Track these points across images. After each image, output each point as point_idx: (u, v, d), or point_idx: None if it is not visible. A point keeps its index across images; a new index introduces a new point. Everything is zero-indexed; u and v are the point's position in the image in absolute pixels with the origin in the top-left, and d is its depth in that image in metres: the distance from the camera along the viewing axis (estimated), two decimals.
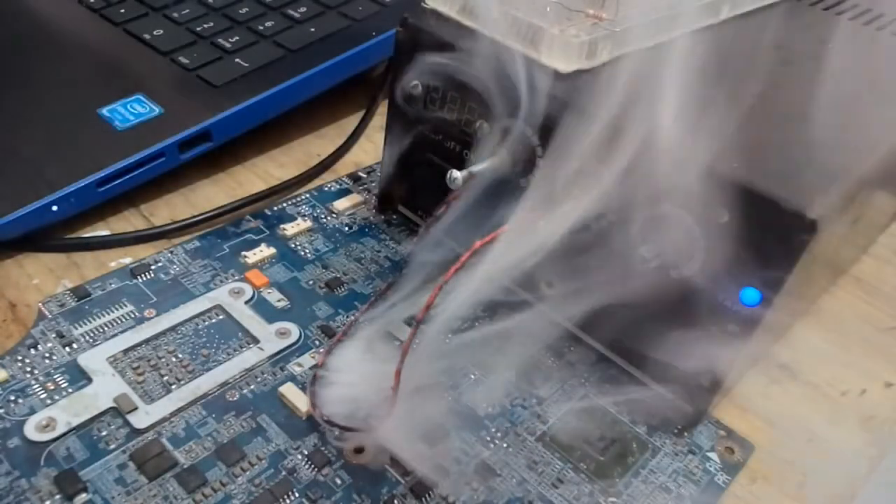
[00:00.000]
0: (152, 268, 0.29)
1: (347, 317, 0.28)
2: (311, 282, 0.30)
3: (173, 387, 0.25)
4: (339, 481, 0.23)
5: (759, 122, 0.24)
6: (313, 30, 0.38)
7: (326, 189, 0.35)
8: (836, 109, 0.25)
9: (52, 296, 0.28)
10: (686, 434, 0.25)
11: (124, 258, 0.30)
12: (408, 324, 0.27)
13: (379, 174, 0.34)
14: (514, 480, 0.23)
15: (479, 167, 0.26)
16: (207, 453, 0.23)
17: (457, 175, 0.26)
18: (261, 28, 0.39)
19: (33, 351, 0.25)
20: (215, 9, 0.40)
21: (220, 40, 0.38)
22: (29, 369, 0.25)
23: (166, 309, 0.27)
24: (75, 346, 0.26)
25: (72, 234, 0.31)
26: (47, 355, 0.25)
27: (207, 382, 0.25)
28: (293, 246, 0.31)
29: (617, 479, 0.24)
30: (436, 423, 0.24)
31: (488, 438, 0.24)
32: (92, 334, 0.26)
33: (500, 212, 0.23)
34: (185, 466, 0.23)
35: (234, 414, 0.24)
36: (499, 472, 0.24)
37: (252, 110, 0.34)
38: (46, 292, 0.28)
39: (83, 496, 0.22)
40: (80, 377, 0.25)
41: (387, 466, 0.23)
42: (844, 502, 0.25)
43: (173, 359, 0.26)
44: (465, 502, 0.23)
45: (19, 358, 0.25)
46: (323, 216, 0.33)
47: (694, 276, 0.23)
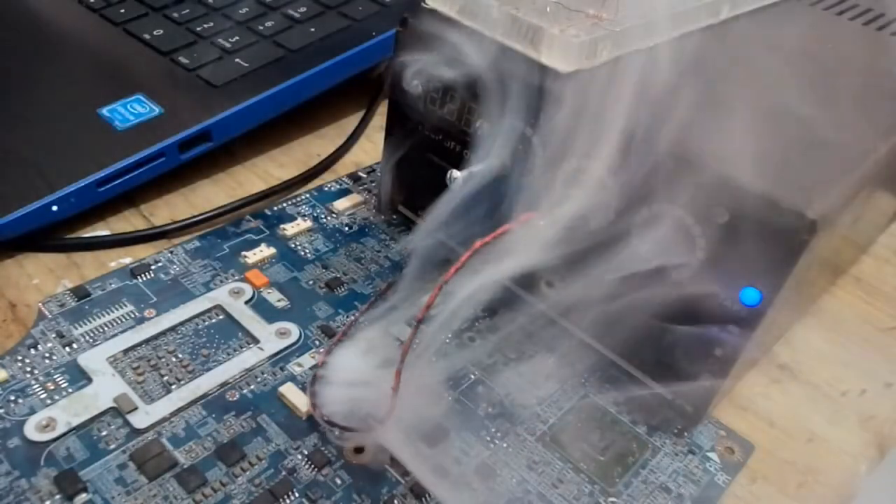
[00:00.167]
0: (152, 268, 0.29)
1: (347, 317, 0.28)
2: (311, 282, 0.30)
3: (173, 387, 0.25)
4: (339, 481, 0.23)
5: (758, 122, 0.24)
6: (313, 30, 0.38)
7: (326, 189, 0.35)
8: (836, 109, 0.25)
9: (52, 296, 0.28)
10: (686, 434, 0.25)
11: (124, 258, 0.30)
12: (408, 324, 0.27)
13: (379, 174, 0.34)
14: (514, 480, 0.23)
15: (479, 167, 0.26)
16: (207, 453, 0.23)
17: (457, 175, 0.26)
18: (261, 28, 0.39)
19: (33, 351, 0.25)
20: (215, 9, 0.40)
21: (220, 40, 0.38)
22: (29, 369, 0.25)
23: (166, 309, 0.27)
24: (75, 346, 0.26)
25: (72, 234, 0.31)
26: (47, 355, 0.25)
27: (207, 382, 0.25)
28: (293, 246, 0.31)
29: (617, 479, 0.24)
30: (436, 423, 0.24)
31: (488, 438, 0.24)
32: (92, 334, 0.26)
33: (500, 212, 0.23)
34: (185, 466, 0.23)
35: (234, 414, 0.24)
36: (499, 472, 0.24)
37: (252, 110, 0.34)
38: (46, 292, 0.28)
39: (83, 496, 0.22)
40: (80, 377, 0.25)
41: (387, 466, 0.23)
42: (844, 502, 0.25)
43: (173, 359, 0.26)
44: (465, 502, 0.23)
45: (19, 358, 0.25)
46: (323, 216, 0.33)
47: (693, 277, 0.23)
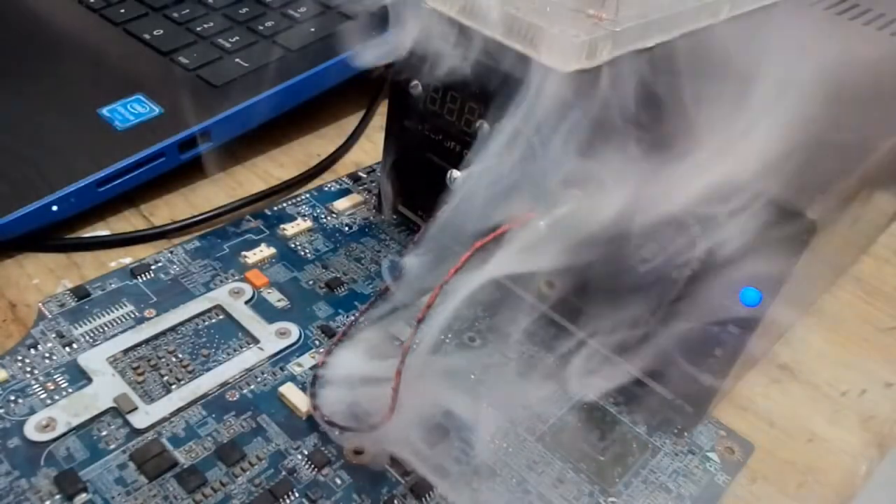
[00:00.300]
0: (152, 268, 0.29)
1: (347, 317, 0.28)
2: (311, 282, 0.30)
3: (173, 387, 0.25)
4: (339, 481, 0.23)
5: (758, 122, 0.24)
6: (313, 30, 0.38)
7: (326, 189, 0.35)
8: (836, 109, 0.25)
9: (52, 296, 0.28)
10: (686, 434, 0.25)
11: (124, 258, 0.30)
12: (408, 324, 0.27)
13: (379, 174, 0.34)
14: (514, 480, 0.23)
15: (479, 167, 0.26)
16: (207, 453, 0.23)
17: (457, 175, 0.26)
18: (261, 28, 0.39)
19: (33, 351, 0.25)
20: (215, 9, 0.40)
21: (220, 40, 0.38)
22: (29, 369, 0.25)
23: (166, 309, 0.27)
24: (75, 346, 0.26)
25: (72, 234, 0.31)
26: (47, 355, 0.25)
27: (207, 382, 0.25)
28: (293, 246, 0.31)
29: (617, 479, 0.24)
30: (436, 423, 0.24)
31: (488, 438, 0.24)
32: (92, 334, 0.26)
33: (500, 212, 0.23)
34: (185, 466, 0.23)
35: (234, 414, 0.24)
36: (499, 472, 0.24)
37: (252, 110, 0.34)
38: (46, 292, 0.28)
39: (83, 496, 0.22)
40: (80, 377, 0.25)
41: (387, 466, 0.23)
42: (844, 502, 0.25)
43: (173, 359, 0.26)
44: (465, 502, 0.23)
45: (19, 358, 0.25)
46: (323, 216, 0.33)
47: (694, 276, 0.23)
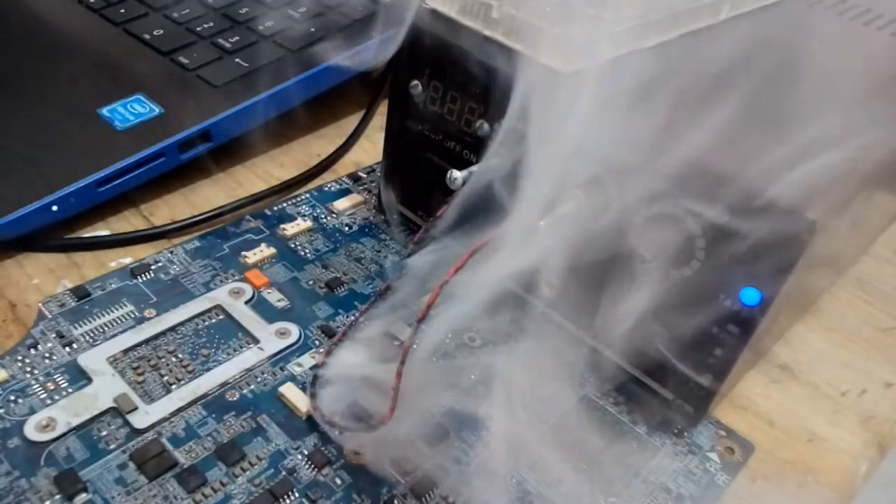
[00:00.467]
0: (152, 268, 0.29)
1: (347, 317, 0.28)
2: (311, 282, 0.30)
3: (173, 387, 0.25)
4: (339, 481, 0.23)
5: (758, 122, 0.24)
6: (313, 30, 0.38)
7: (326, 189, 0.35)
8: (836, 109, 0.25)
9: (52, 296, 0.28)
10: (686, 434, 0.25)
11: (124, 258, 0.30)
12: (408, 324, 0.27)
13: (379, 174, 0.34)
14: (514, 480, 0.23)
15: (479, 167, 0.26)
16: (207, 453, 0.23)
17: (457, 175, 0.26)
18: (261, 28, 0.39)
19: (33, 351, 0.25)
20: (215, 9, 0.40)
21: (220, 40, 0.38)
22: (29, 369, 0.25)
23: (166, 309, 0.27)
24: (75, 346, 0.26)
25: (72, 234, 0.31)
26: (47, 355, 0.25)
27: (207, 382, 0.25)
28: (293, 246, 0.31)
29: (617, 479, 0.24)
30: (436, 423, 0.24)
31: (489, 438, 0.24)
32: (92, 334, 0.26)
33: (500, 212, 0.23)
34: (185, 466, 0.23)
35: (234, 414, 0.24)
36: (499, 472, 0.23)
37: (252, 110, 0.34)
38: (46, 292, 0.28)
39: (83, 496, 0.22)
40: (80, 377, 0.25)
41: (387, 466, 0.23)
42: (844, 502, 0.25)
43: (173, 359, 0.26)
44: (465, 502, 0.23)
45: (19, 358, 0.25)
46: (323, 216, 0.33)
47: (694, 277, 0.23)
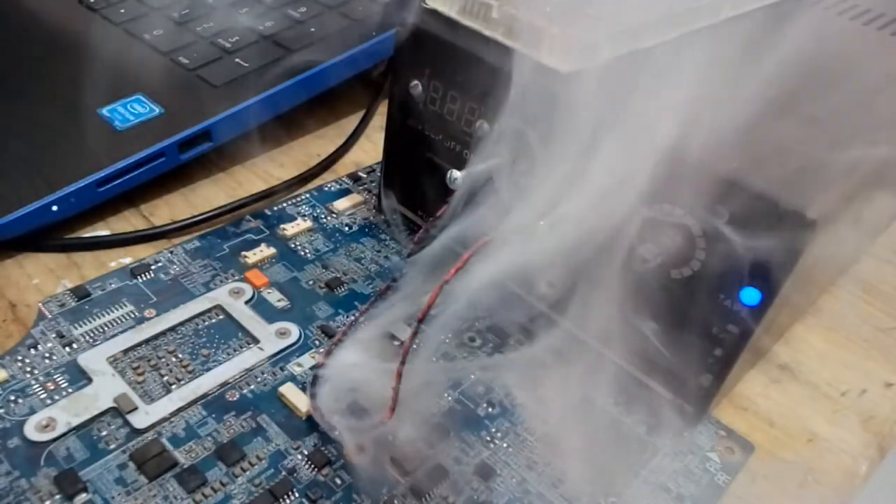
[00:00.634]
0: (152, 268, 0.29)
1: (347, 317, 0.28)
2: (311, 282, 0.30)
3: (173, 387, 0.25)
4: (339, 481, 0.23)
5: (759, 122, 0.24)
6: (313, 30, 0.38)
7: (326, 189, 0.35)
8: (836, 109, 0.25)
9: (52, 296, 0.28)
10: (686, 434, 0.25)
11: (124, 258, 0.30)
12: (408, 324, 0.27)
13: (379, 174, 0.34)
14: (514, 480, 0.23)
15: (479, 167, 0.26)
16: (207, 453, 0.23)
17: (457, 175, 0.26)
18: (261, 28, 0.39)
19: (33, 351, 0.25)
20: (215, 9, 0.40)
21: (220, 40, 0.38)
22: (29, 369, 0.25)
23: (166, 309, 0.27)
24: (75, 346, 0.26)
25: (72, 234, 0.31)
26: (47, 355, 0.25)
27: (207, 382, 0.25)
28: (293, 246, 0.31)
29: (617, 479, 0.24)
30: (436, 423, 0.24)
31: (488, 438, 0.24)
32: (92, 334, 0.26)
33: (500, 212, 0.23)
34: (185, 466, 0.23)
35: (234, 414, 0.24)
36: (499, 472, 0.24)
37: (252, 110, 0.34)
38: (46, 292, 0.28)
39: (83, 496, 0.22)
40: (80, 377, 0.25)
41: (387, 466, 0.23)
42: (844, 502, 0.25)
43: (173, 359, 0.26)
44: (465, 502, 0.23)
45: (19, 358, 0.25)
46: (323, 216, 0.33)
47: (694, 276, 0.23)
